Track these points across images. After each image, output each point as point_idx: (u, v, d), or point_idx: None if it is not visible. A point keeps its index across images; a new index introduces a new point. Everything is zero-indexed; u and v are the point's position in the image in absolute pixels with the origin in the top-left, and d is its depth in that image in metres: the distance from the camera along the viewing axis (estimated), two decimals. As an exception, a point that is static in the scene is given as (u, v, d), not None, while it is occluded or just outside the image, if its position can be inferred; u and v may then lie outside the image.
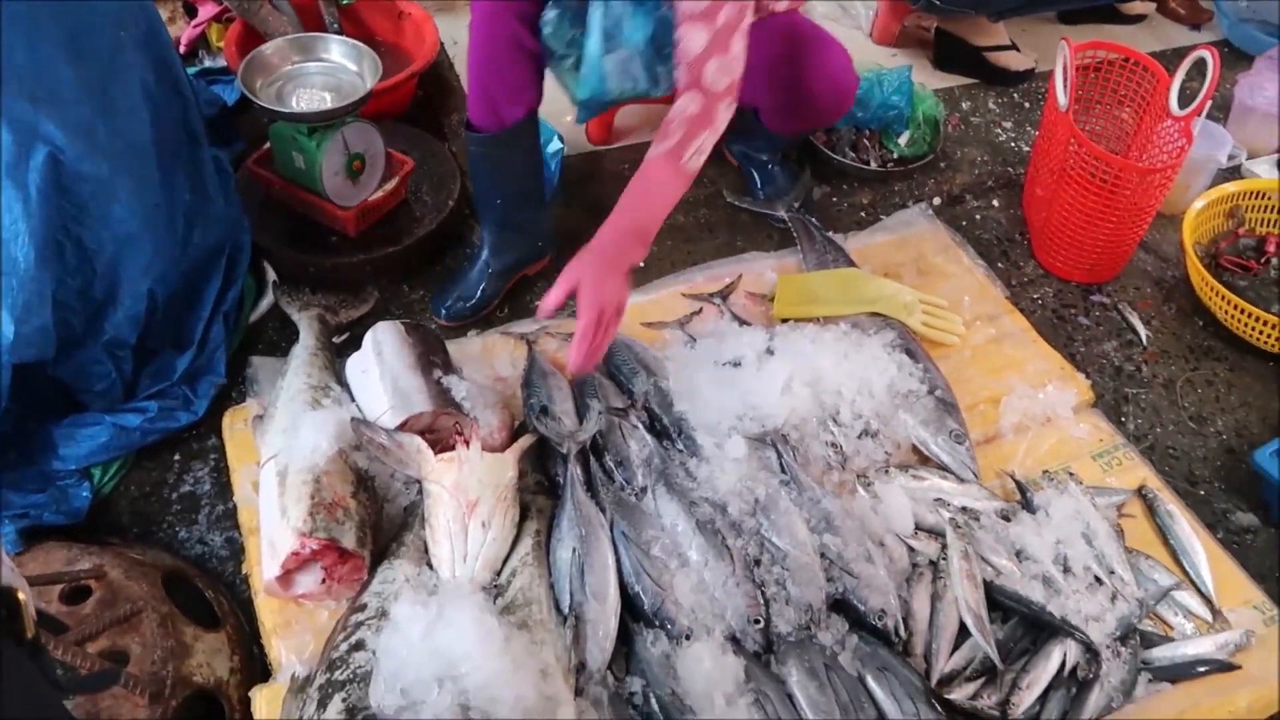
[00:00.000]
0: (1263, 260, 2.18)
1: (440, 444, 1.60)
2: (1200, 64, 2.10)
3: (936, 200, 2.41)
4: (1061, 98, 2.13)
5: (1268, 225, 2.27)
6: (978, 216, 2.40)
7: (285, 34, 2.27)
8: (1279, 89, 2.48)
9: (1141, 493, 1.77)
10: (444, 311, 2.07)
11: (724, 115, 1.65)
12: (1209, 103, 2.10)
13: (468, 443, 1.57)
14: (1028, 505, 1.70)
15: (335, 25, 2.49)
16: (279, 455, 1.60)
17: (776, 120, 2.15)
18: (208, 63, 2.56)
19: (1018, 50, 2.75)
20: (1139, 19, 2.98)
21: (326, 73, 2.12)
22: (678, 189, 1.67)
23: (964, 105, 2.69)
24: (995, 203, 2.44)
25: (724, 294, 2.07)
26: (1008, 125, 2.64)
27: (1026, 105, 2.71)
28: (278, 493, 1.53)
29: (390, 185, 2.16)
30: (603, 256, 1.59)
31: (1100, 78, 2.29)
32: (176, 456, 1.84)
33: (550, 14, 1.80)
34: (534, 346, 1.91)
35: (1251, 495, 1.86)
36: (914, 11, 2.76)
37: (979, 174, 2.50)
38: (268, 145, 2.14)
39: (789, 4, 1.97)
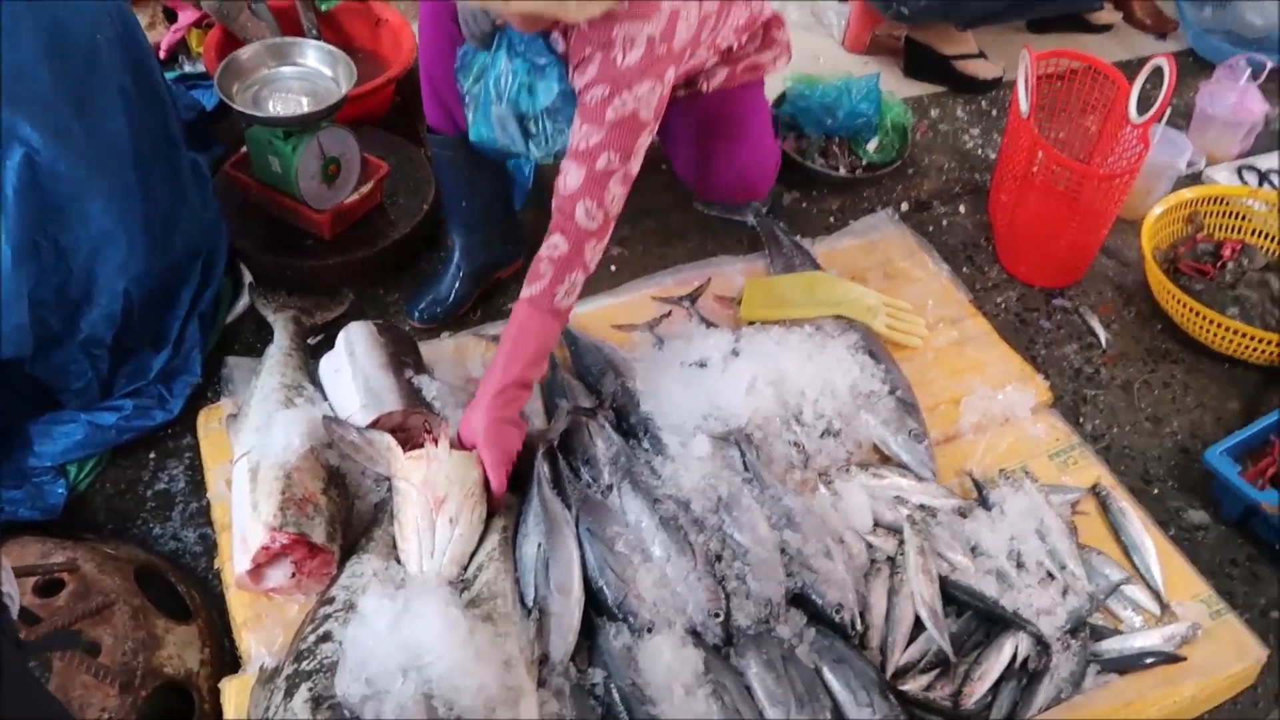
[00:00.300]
0: (1219, 265, 2.23)
1: (410, 442, 1.63)
2: (1159, 72, 2.14)
3: (904, 206, 2.46)
4: (1023, 104, 2.18)
5: (1225, 230, 2.32)
6: (944, 222, 2.45)
7: (263, 39, 2.31)
8: (1238, 97, 2.54)
9: (1095, 490, 1.82)
10: (417, 313, 2.10)
11: (593, 254, 1.67)
12: (1168, 110, 2.15)
13: (436, 440, 1.61)
14: (984, 502, 1.75)
15: (314, 31, 2.52)
16: (252, 452, 1.63)
17: (697, 186, 2.19)
18: (187, 68, 2.60)
19: (986, 59, 2.80)
20: (1106, 28, 3.04)
21: (303, 78, 2.16)
22: (554, 329, 1.69)
23: (933, 112, 2.75)
24: (962, 208, 2.48)
25: (693, 297, 2.11)
26: (975, 132, 2.70)
27: (994, 113, 2.76)
28: (250, 488, 1.57)
29: (365, 189, 2.19)
30: (490, 415, 1.62)
31: (1065, 86, 2.35)
32: (152, 454, 1.88)
33: (466, 48, 1.82)
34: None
35: (1203, 493, 1.91)
36: (885, 20, 2.81)
37: (946, 180, 2.55)
38: (245, 149, 2.18)
39: (722, 83, 1.98)
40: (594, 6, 1.51)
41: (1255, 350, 2.09)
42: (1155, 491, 1.92)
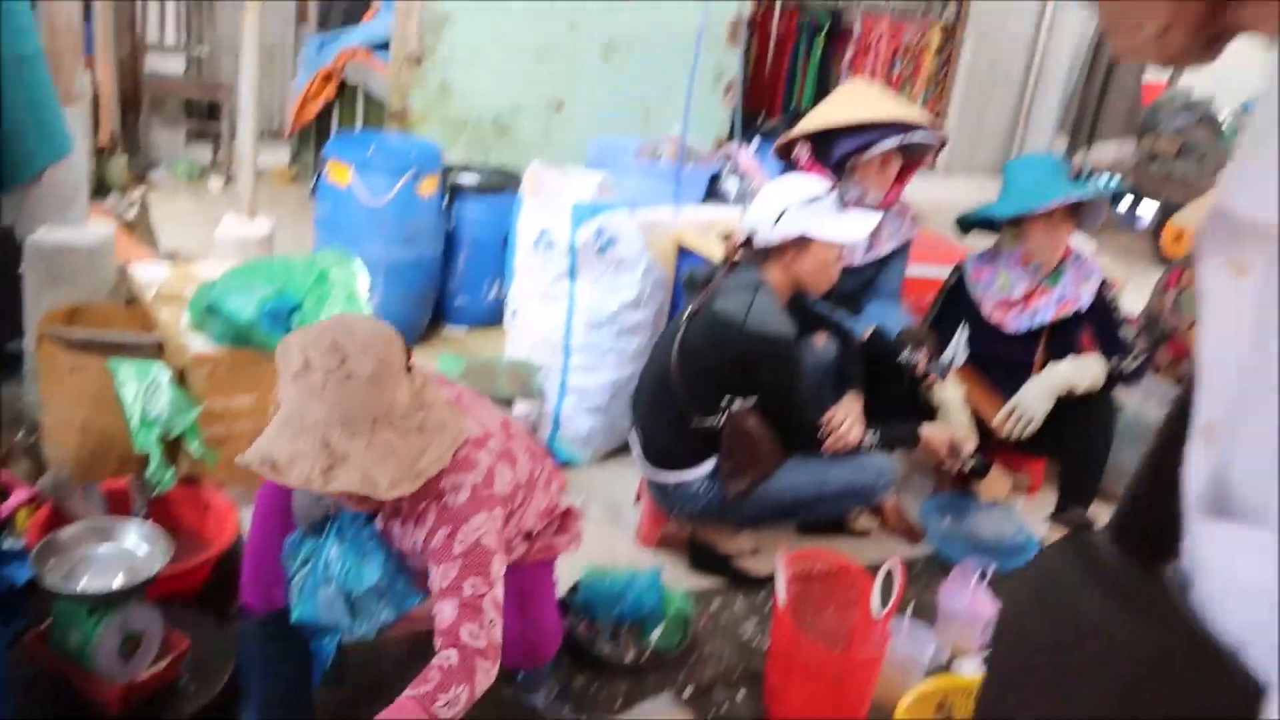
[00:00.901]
0: (966, 750, 2.45)
1: None
2: (894, 572, 2.50)
3: (687, 691, 2.64)
4: (781, 597, 2.48)
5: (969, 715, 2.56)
6: (724, 707, 2.62)
7: (89, 519, 2.46)
8: (970, 596, 2.92)
9: None
10: (194, 795, 2.08)
11: (483, 674, 1.76)
12: (909, 608, 2.49)
13: None
14: None
15: (143, 512, 2.70)
16: None
17: None
18: (8, 544, 2.68)
19: (760, 557, 3.17)
20: (865, 533, 3.50)
21: (119, 555, 2.30)
22: None
23: (714, 604, 3.03)
24: (740, 694, 2.67)
25: (477, 778, 2.17)
26: (752, 624, 2.97)
27: (768, 607, 3.06)
28: None
29: (162, 665, 2.24)
30: None
31: (828, 582, 2.68)
32: None
33: (293, 536, 2.05)
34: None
35: None
36: (672, 519, 3.18)
37: (726, 667, 2.77)
38: (49, 621, 2.24)
39: (518, 558, 2.22)
40: (403, 486, 1.76)
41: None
42: None
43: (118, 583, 2.22)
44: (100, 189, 5.38)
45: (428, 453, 1.80)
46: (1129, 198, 8.67)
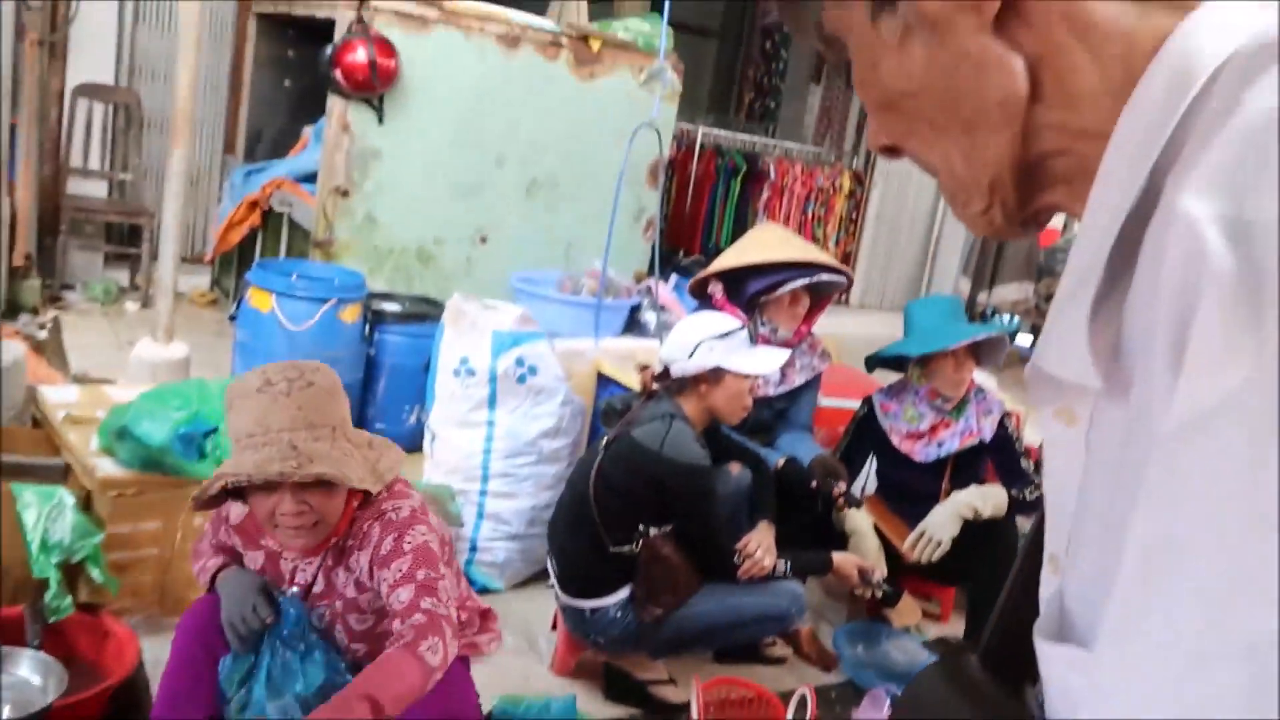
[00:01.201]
0: None
1: None
2: (807, 699, 2.53)
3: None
4: (695, 726, 2.48)
5: None
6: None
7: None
8: (882, 723, 2.95)
9: None
10: None
11: (450, 641, 1.81)
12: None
13: None
14: None
15: (36, 641, 2.60)
16: None
17: None
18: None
19: (675, 684, 3.16)
20: (780, 660, 3.51)
21: (10, 686, 2.22)
22: (414, 672, 1.74)
23: (630, 737, 3.01)
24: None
25: None
26: (667, 754, 2.95)
27: (684, 733, 3.04)
28: None
29: (49, 803, 2.15)
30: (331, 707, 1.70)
31: (744, 707, 2.69)
32: None
33: (227, 659, 2.04)
34: None
35: None
36: (587, 647, 3.17)
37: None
38: (-73, 759, 2.13)
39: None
40: (369, 483, 1.90)
41: None
42: None
43: (6, 714, 2.13)
44: (12, 310, 5.31)
45: (383, 460, 2.01)
46: (1030, 336, 9.11)
